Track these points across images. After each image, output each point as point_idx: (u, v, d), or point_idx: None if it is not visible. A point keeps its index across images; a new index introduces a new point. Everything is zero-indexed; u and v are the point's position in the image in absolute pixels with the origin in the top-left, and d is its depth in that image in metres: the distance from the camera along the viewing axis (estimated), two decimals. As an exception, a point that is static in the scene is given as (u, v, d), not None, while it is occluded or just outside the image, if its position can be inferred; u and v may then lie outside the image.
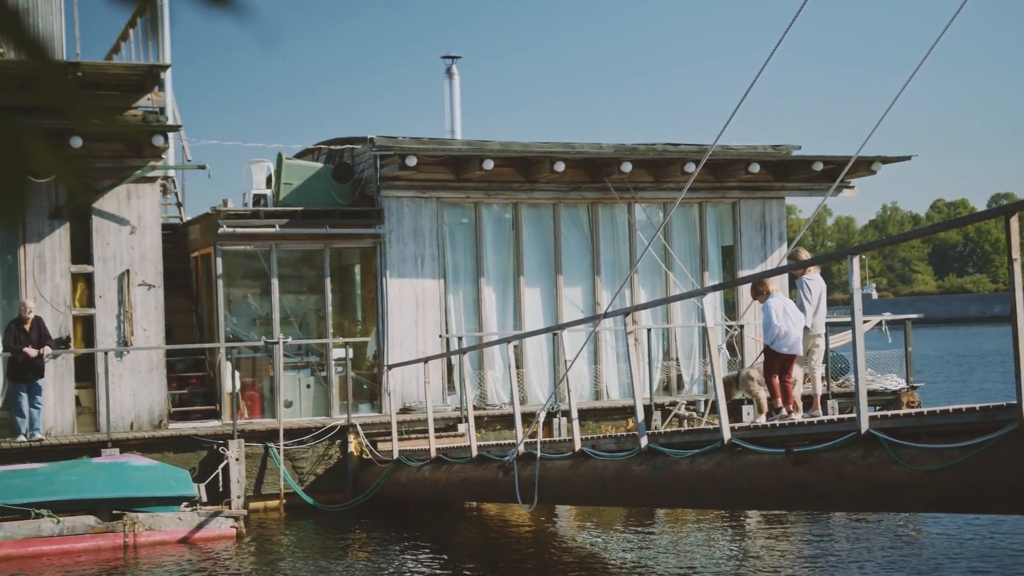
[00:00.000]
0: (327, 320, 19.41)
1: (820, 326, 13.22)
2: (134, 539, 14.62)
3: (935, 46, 11.83)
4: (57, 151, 1.01)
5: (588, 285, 20.83)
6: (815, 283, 13.26)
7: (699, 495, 10.97)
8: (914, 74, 12.23)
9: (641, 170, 20.67)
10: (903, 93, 12.41)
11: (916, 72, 12.23)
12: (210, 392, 19.20)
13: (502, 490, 13.66)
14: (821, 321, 13.26)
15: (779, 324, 12.38)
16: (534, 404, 18.82)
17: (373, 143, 19.46)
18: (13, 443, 16.23)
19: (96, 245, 17.66)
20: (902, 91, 12.41)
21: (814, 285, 13.19)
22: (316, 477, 17.61)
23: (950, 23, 11.46)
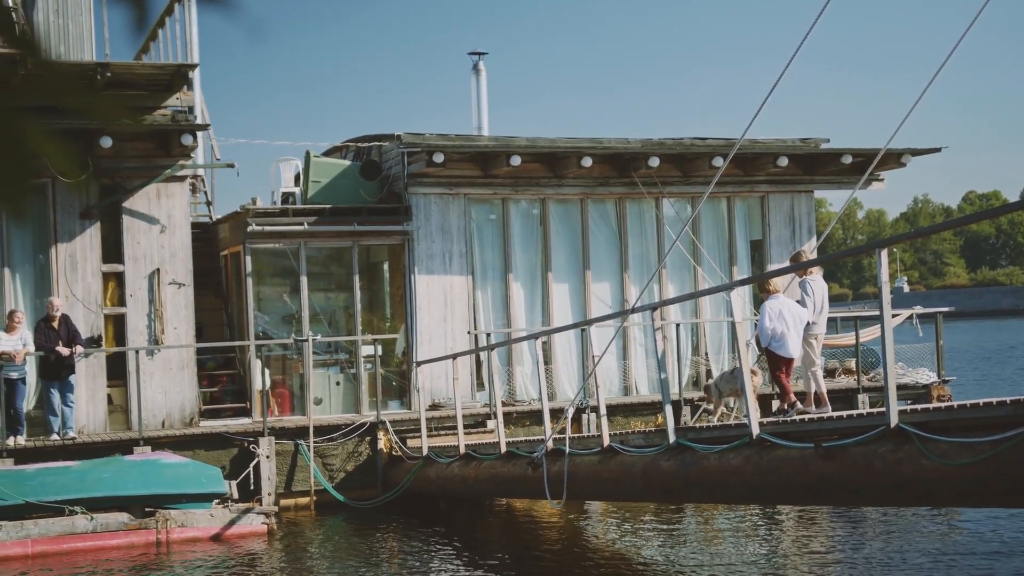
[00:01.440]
0: (356, 317, 19.48)
1: (821, 326, 13.43)
2: (167, 536, 14.72)
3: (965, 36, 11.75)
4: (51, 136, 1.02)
5: (616, 280, 20.81)
6: (817, 284, 13.45)
7: (728, 490, 10.94)
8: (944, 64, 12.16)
9: (669, 165, 20.62)
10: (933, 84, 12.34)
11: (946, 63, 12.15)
12: (240, 390, 19.30)
13: (531, 486, 13.67)
14: (823, 321, 13.47)
15: (771, 326, 12.58)
16: (563, 400, 18.83)
17: (400, 140, 19.50)
18: (47, 441, 16.38)
19: (127, 244, 17.79)
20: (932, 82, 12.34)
21: (816, 286, 13.36)
22: (346, 474, 17.68)
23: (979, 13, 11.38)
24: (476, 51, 24.65)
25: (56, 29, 17.75)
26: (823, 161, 21.64)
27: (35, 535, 14.26)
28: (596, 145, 20.20)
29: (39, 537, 14.26)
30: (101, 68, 16.41)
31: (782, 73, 11.49)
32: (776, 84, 11.61)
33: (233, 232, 19.86)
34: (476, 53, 24.65)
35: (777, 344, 12.61)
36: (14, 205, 0.98)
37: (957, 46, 11.85)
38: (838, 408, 18.44)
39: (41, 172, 16.98)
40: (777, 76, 11.50)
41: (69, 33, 17.92)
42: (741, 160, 20.30)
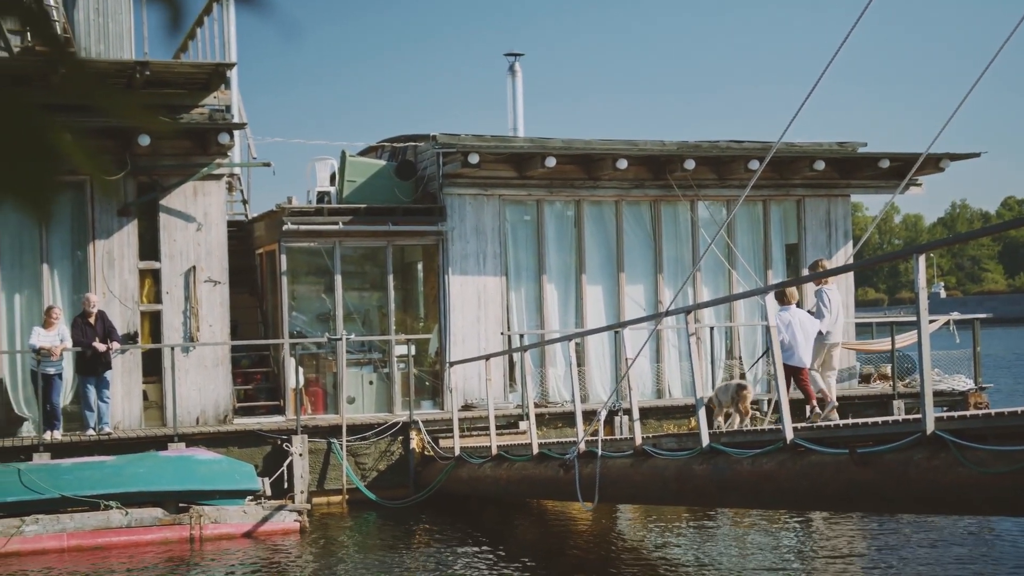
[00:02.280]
0: (390, 317, 19.53)
1: (837, 335, 13.83)
2: (200, 531, 14.81)
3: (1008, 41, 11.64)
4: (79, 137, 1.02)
5: (650, 283, 20.76)
6: (834, 293, 13.85)
7: (761, 495, 10.89)
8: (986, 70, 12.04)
9: (704, 167, 20.56)
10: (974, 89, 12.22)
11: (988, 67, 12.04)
12: (274, 388, 19.39)
13: (563, 488, 13.65)
14: (838, 330, 13.87)
15: (779, 337, 12.60)
16: (595, 402, 18.80)
17: (436, 140, 19.54)
18: (83, 436, 16.52)
19: (163, 242, 17.91)
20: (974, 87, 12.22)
21: (833, 295, 13.76)
22: (378, 473, 17.72)
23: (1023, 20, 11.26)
24: (512, 52, 24.65)
25: (96, 28, 17.90)
26: (860, 165, 21.51)
27: (70, 529, 14.38)
28: (632, 147, 20.17)
29: (74, 531, 14.38)
30: (140, 67, 16.54)
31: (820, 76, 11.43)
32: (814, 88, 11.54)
33: (269, 231, 19.95)
34: (512, 54, 24.65)
35: (786, 355, 12.82)
36: (38, 207, 0.98)
37: (1000, 51, 11.74)
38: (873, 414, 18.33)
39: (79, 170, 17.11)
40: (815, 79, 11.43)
41: (109, 32, 18.08)
42: (777, 163, 20.21)
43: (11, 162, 0.95)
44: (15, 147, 0.95)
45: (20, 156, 0.95)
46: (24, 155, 0.95)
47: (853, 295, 22.07)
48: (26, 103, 0.96)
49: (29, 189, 0.95)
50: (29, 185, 0.95)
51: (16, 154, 0.95)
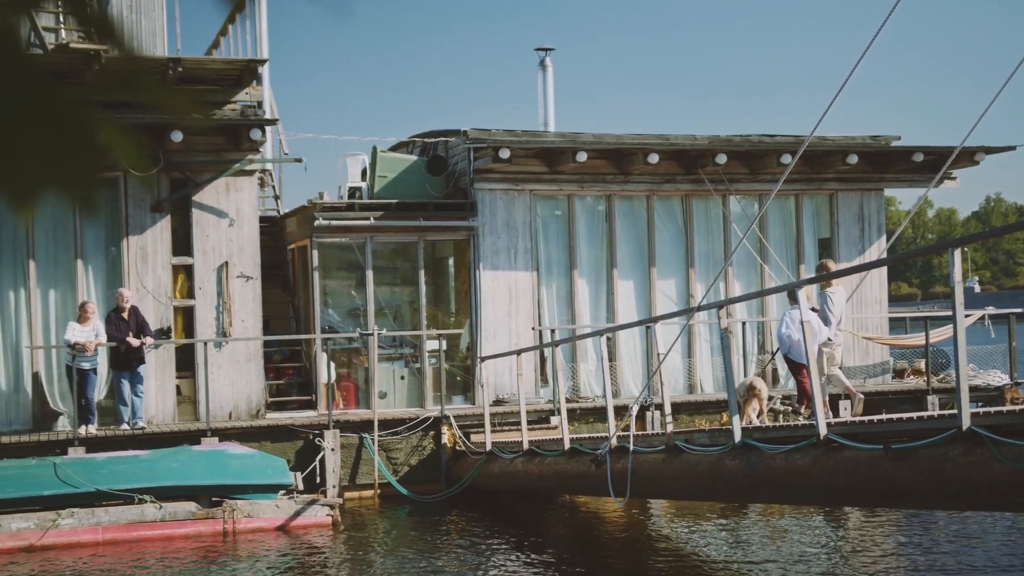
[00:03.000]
0: (421, 312, 19.56)
1: (838, 336, 14.26)
2: (233, 525, 14.89)
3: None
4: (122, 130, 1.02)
5: (682, 278, 20.70)
6: (837, 295, 14.22)
7: (794, 491, 10.84)
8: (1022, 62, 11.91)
9: (736, 162, 20.47)
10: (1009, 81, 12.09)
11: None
12: (306, 383, 19.47)
13: (594, 483, 13.64)
14: (843, 327, 14.39)
15: (787, 332, 13.53)
16: (627, 397, 18.77)
17: (467, 136, 19.54)
18: (117, 430, 16.64)
19: (196, 237, 18.00)
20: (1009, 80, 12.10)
21: (836, 298, 14.15)
22: (410, 468, 17.76)
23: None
24: (543, 47, 24.62)
25: (130, 24, 18.00)
26: (894, 159, 21.36)
27: (106, 522, 14.50)
28: (663, 141, 20.11)
29: (109, 524, 14.50)
30: (173, 63, 16.62)
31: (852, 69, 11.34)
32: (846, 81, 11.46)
33: (300, 226, 20.03)
34: (543, 49, 24.62)
35: (795, 352, 13.49)
36: (86, 199, 0.99)
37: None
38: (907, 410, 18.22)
39: (114, 166, 17.27)
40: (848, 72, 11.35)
41: (142, 29, 18.18)
42: (810, 157, 20.09)
43: (58, 155, 0.95)
44: (61, 140, 0.95)
45: (67, 149, 0.95)
46: (70, 148, 0.95)
47: (887, 290, 21.92)
48: (70, 97, 0.96)
49: (76, 181, 0.95)
50: (76, 177, 0.95)
51: (63, 147, 0.95)
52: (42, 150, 0.95)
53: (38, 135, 0.95)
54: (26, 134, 0.95)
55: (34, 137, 0.95)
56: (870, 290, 21.35)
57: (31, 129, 0.95)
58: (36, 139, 0.95)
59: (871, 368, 21.42)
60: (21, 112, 0.94)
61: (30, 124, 0.95)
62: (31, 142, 0.95)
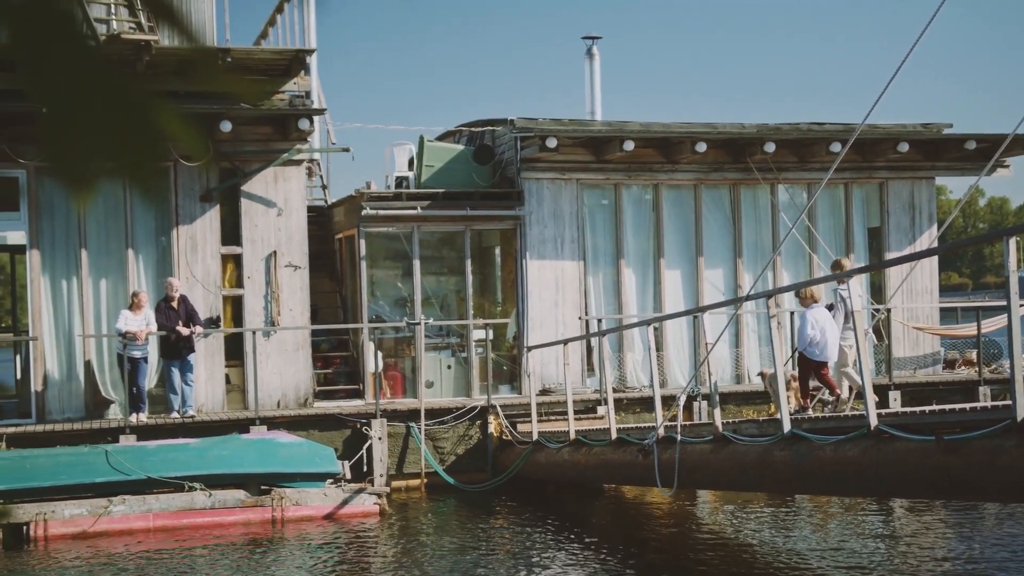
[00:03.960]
0: (468, 301, 19.58)
1: (849, 334, 14.36)
2: (281, 513, 14.99)
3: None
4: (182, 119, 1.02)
5: (730, 267, 20.58)
6: (848, 292, 14.38)
7: (843, 482, 10.75)
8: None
9: (785, 150, 20.31)
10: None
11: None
12: (354, 372, 19.56)
13: (641, 473, 13.61)
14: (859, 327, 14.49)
15: (812, 333, 13.91)
16: (674, 387, 18.70)
17: (514, 125, 19.52)
18: (167, 419, 16.81)
19: (244, 227, 18.12)
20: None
21: (847, 295, 14.35)
22: (456, 457, 17.80)
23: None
24: (590, 35, 24.52)
25: (179, 16, 18.12)
26: (946, 147, 21.10)
27: (156, 510, 14.65)
28: (711, 130, 19.98)
29: (160, 511, 14.65)
30: (222, 53, 16.72)
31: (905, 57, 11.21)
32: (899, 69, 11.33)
33: (348, 216, 20.10)
34: (590, 37, 24.53)
35: (815, 350, 13.94)
36: (146, 185, 0.99)
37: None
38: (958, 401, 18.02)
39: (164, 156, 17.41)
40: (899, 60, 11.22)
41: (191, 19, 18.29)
42: (860, 146, 19.88)
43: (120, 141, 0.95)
44: (123, 125, 0.95)
45: (129, 135, 0.95)
46: (132, 134, 0.95)
47: (937, 280, 21.67)
48: (132, 83, 0.96)
49: (139, 168, 0.95)
50: (138, 164, 0.95)
51: (125, 133, 0.95)
52: (104, 135, 0.94)
53: (100, 120, 0.95)
54: (87, 119, 0.95)
55: (96, 122, 0.95)
56: (920, 280, 21.12)
57: (92, 114, 0.95)
58: (98, 124, 0.95)
59: (921, 359, 21.21)
60: (82, 97, 0.94)
61: (91, 109, 0.95)
62: (93, 127, 0.95)
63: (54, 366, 17.45)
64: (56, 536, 14.14)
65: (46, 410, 17.27)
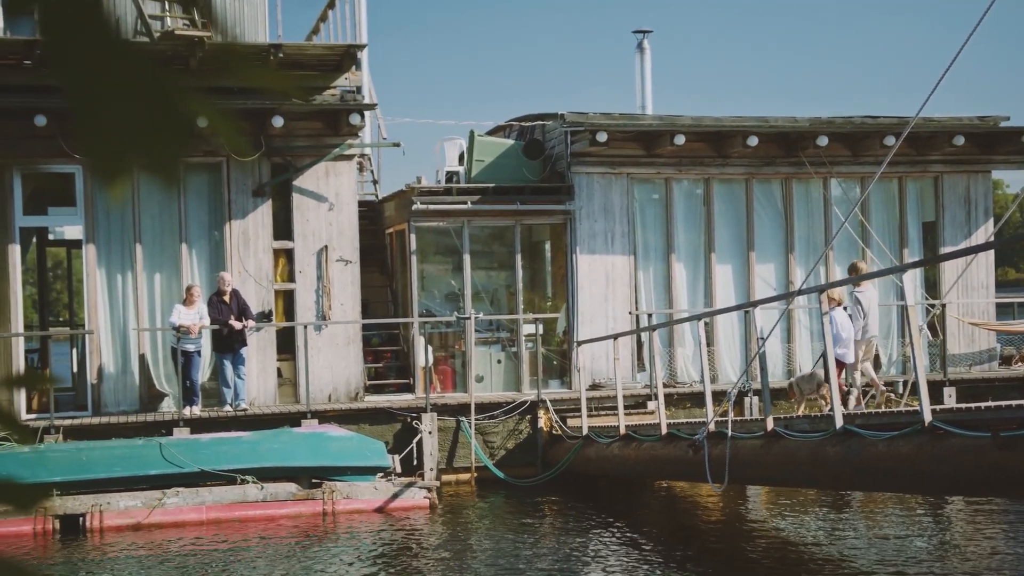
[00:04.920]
0: (517, 296, 19.58)
1: (873, 328, 15.13)
2: (332, 507, 15.08)
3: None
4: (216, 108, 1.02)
5: (781, 262, 20.42)
6: (865, 295, 15.10)
7: (897, 479, 10.63)
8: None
9: (838, 144, 20.12)
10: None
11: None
12: (404, 366, 19.63)
13: (692, 469, 13.54)
14: (874, 324, 15.28)
15: (840, 334, 14.41)
16: (725, 383, 18.59)
17: (564, 119, 19.49)
18: (220, 412, 16.96)
19: (296, 222, 18.24)
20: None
21: (864, 297, 15.03)
22: (506, 451, 17.82)
23: None
24: (641, 29, 24.42)
25: (232, 11, 18.29)
26: (1002, 140, 20.80)
27: (209, 502, 14.79)
28: (762, 124, 19.83)
29: (213, 504, 14.79)
30: (274, 49, 16.84)
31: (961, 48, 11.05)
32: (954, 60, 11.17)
33: (398, 210, 20.17)
34: (640, 31, 24.43)
35: (842, 352, 14.34)
36: (167, 176, 0.98)
37: None
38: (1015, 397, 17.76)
39: (216, 151, 17.57)
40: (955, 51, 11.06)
41: (244, 16, 18.45)
42: (914, 139, 19.65)
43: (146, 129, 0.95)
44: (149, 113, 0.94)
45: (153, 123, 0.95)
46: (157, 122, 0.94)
47: (994, 275, 21.38)
48: (160, 72, 0.96)
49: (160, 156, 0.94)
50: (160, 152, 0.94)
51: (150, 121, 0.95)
52: (131, 124, 0.94)
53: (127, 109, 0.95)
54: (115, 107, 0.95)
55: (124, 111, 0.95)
56: (976, 275, 20.85)
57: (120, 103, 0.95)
58: (126, 113, 0.95)
59: (977, 355, 20.94)
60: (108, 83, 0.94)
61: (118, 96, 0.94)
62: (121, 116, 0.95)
63: (109, 360, 17.66)
64: (111, 527, 14.32)
65: (102, 403, 17.49)
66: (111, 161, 0.95)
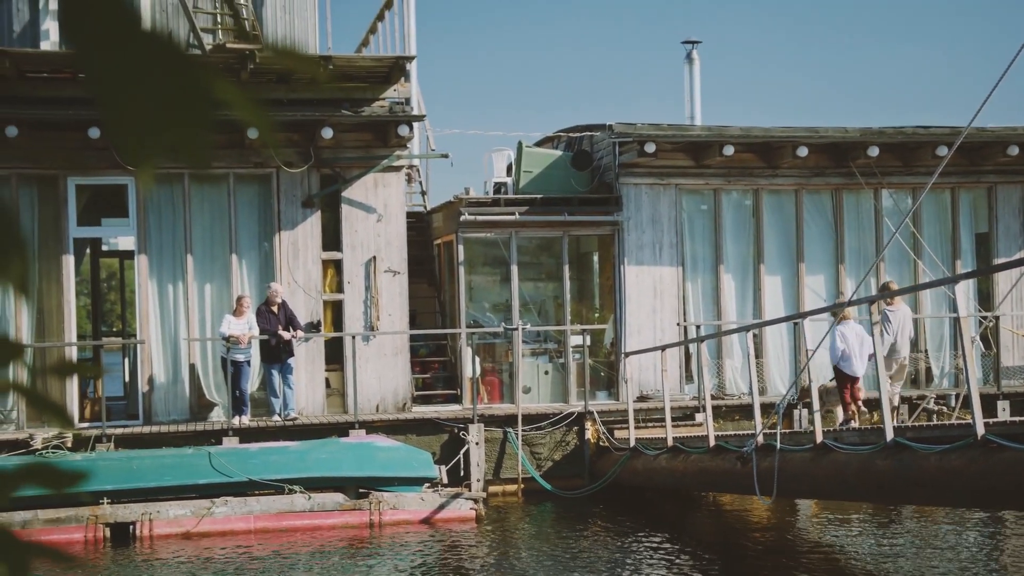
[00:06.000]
0: (565, 307, 19.56)
1: (904, 349, 15.51)
2: (379, 517, 15.11)
3: None
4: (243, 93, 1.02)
5: (831, 273, 20.24)
6: (896, 314, 15.39)
7: (949, 493, 10.49)
8: None
9: (889, 154, 19.93)
10: None
11: None
12: (451, 377, 19.65)
13: (740, 481, 13.44)
14: (905, 346, 15.62)
15: (842, 347, 14.59)
16: (774, 395, 18.45)
17: (612, 130, 19.46)
18: (269, 422, 17.07)
19: (345, 232, 18.34)
20: None
21: (895, 316, 15.33)
22: (553, 463, 17.78)
23: None
24: (690, 40, 24.35)
25: (283, 24, 18.44)
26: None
27: (257, 511, 14.88)
28: (812, 134, 19.68)
29: (261, 513, 14.87)
30: (324, 61, 16.95)
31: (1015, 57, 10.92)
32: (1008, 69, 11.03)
33: (446, 221, 20.22)
34: (689, 42, 24.35)
35: (844, 364, 14.60)
36: (197, 156, 0.99)
37: None
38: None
39: (266, 163, 17.72)
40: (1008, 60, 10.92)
41: (295, 28, 18.60)
42: (967, 149, 19.42)
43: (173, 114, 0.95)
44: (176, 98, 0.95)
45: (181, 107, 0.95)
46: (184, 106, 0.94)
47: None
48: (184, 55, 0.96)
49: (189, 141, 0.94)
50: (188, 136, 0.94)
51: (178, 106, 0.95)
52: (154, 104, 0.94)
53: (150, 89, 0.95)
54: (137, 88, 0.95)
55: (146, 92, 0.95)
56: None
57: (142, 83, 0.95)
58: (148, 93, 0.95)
59: None
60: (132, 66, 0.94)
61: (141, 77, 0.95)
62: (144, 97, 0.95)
63: (160, 369, 17.83)
64: (161, 536, 14.44)
65: (152, 412, 17.66)
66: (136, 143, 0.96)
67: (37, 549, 1.12)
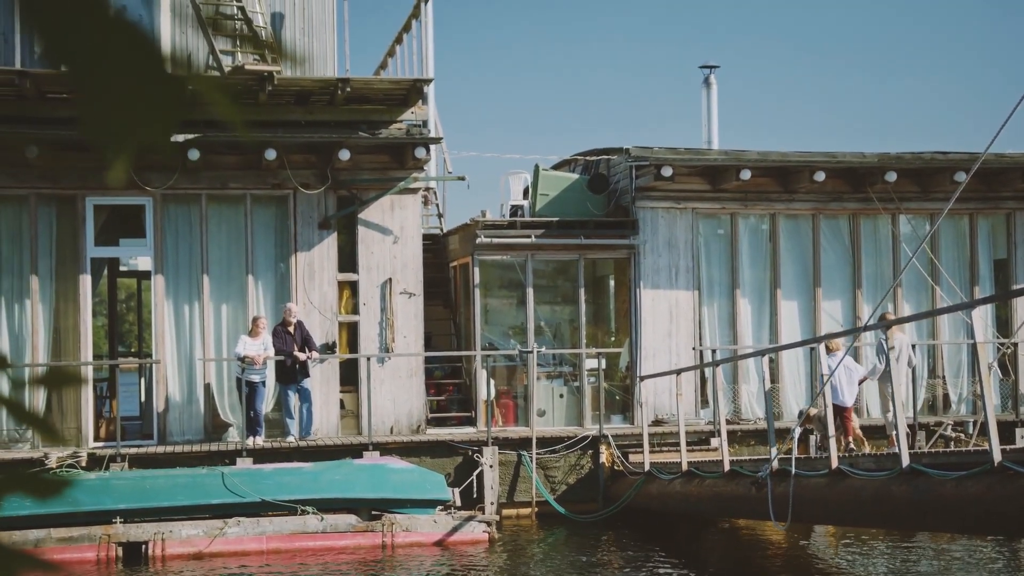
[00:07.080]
0: (580, 330, 19.52)
1: (902, 376, 15.61)
2: (392, 539, 15.07)
3: None
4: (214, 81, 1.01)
5: (848, 299, 20.16)
6: (896, 340, 15.45)
7: (966, 519, 10.40)
8: None
9: (906, 180, 19.87)
10: None
11: None
12: (466, 399, 19.62)
13: (755, 506, 13.36)
14: (902, 371, 15.80)
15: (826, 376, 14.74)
16: (790, 420, 18.35)
17: (628, 153, 19.46)
18: (283, 442, 17.05)
19: (361, 254, 18.36)
20: None
21: (893, 344, 15.37)
22: (567, 486, 17.71)
23: None
24: (707, 64, 24.37)
25: (301, 46, 18.53)
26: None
27: (270, 532, 14.86)
28: (830, 159, 19.64)
29: (273, 534, 14.85)
30: (342, 83, 17.02)
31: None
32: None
33: (462, 244, 20.24)
34: (707, 66, 24.38)
35: (832, 395, 14.27)
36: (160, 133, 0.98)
37: None
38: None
39: (284, 184, 17.78)
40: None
41: (313, 50, 18.68)
42: (985, 175, 19.35)
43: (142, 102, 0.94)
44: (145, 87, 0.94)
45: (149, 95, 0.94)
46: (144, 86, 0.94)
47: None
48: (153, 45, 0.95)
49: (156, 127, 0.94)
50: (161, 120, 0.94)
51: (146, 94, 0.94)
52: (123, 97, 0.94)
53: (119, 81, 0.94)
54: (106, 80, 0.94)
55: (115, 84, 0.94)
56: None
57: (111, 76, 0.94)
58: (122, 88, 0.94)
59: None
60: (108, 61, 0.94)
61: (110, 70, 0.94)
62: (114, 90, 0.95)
63: (175, 389, 17.86)
64: (173, 556, 14.43)
65: (167, 432, 17.68)
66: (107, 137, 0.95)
67: (29, 560, 1.11)
